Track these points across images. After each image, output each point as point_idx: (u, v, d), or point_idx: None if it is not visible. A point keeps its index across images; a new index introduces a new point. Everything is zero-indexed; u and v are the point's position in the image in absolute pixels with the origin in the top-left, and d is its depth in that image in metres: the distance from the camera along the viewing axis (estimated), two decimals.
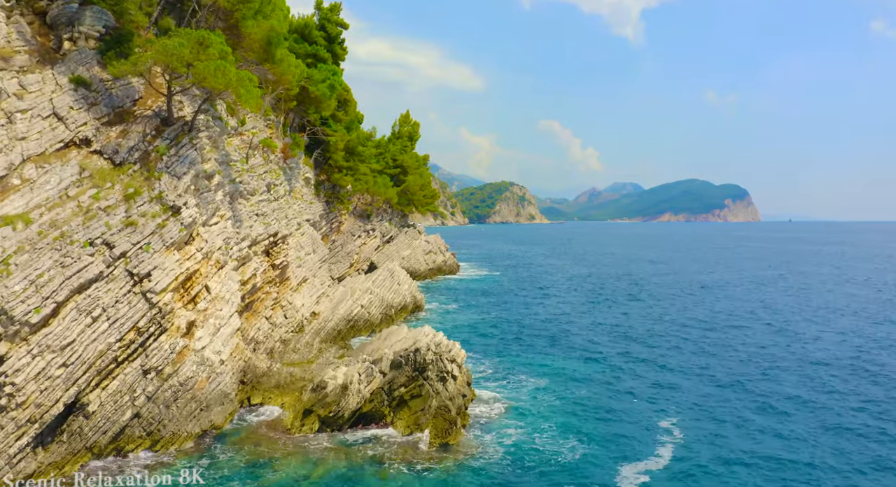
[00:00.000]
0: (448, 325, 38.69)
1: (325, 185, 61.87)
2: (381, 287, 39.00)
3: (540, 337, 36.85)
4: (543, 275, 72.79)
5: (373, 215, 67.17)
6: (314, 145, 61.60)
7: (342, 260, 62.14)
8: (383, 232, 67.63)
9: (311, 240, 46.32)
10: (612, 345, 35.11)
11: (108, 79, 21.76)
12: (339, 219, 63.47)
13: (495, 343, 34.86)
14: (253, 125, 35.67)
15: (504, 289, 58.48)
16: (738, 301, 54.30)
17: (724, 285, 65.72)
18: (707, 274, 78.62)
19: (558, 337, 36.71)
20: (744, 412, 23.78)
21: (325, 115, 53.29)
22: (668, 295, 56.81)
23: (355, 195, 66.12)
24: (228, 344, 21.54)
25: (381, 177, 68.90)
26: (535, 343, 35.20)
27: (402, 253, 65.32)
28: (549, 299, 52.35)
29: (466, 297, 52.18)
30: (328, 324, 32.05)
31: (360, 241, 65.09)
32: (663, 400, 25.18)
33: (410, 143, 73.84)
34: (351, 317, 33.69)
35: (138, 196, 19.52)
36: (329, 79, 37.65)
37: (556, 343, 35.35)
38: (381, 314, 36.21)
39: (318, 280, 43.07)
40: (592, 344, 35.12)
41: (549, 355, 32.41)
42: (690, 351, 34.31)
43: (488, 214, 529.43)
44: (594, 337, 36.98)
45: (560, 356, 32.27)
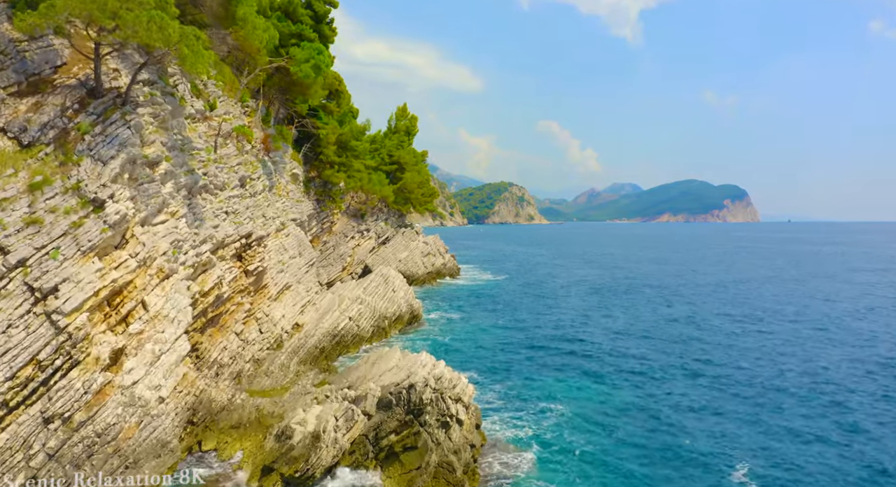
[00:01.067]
0: (449, 338, 34.12)
1: (315, 182, 57.28)
2: (374, 295, 34.42)
3: (556, 351, 32.22)
4: (550, 279, 68.20)
5: (367, 215, 62.60)
6: (303, 139, 57.01)
7: (334, 262, 57.54)
8: (378, 232, 63.05)
9: (296, 241, 41.75)
10: (640, 361, 30.47)
11: (22, 39, 17.16)
12: (331, 218, 58.88)
13: (505, 360, 30.23)
14: (226, 111, 31.06)
15: (510, 295, 53.87)
16: (782, 304, 49.82)
17: (751, 285, 61.27)
18: (724, 274, 74.14)
19: (578, 353, 32.07)
20: (848, 466, 18.87)
21: (313, 105, 48.68)
22: (688, 299, 52.29)
23: (348, 193, 61.54)
24: (172, 376, 16.91)
25: (377, 174, 64.34)
26: (551, 360, 30.56)
27: (399, 255, 60.72)
28: (561, 305, 47.76)
29: (469, 305, 47.59)
30: (309, 341, 27.42)
31: (354, 243, 60.49)
32: (722, 437, 20.60)
33: (408, 138, 69.29)
34: (337, 332, 29.07)
35: (47, 185, 14.91)
36: (314, 58, 33.07)
37: (576, 359, 30.71)
38: (372, 326, 31.60)
39: (304, 286, 38.47)
40: (619, 360, 30.49)
41: (571, 375, 27.76)
42: (737, 368, 29.77)
43: (487, 215, 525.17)
44: (620, 351, 32.35)
45: (584, 376, 27.62)
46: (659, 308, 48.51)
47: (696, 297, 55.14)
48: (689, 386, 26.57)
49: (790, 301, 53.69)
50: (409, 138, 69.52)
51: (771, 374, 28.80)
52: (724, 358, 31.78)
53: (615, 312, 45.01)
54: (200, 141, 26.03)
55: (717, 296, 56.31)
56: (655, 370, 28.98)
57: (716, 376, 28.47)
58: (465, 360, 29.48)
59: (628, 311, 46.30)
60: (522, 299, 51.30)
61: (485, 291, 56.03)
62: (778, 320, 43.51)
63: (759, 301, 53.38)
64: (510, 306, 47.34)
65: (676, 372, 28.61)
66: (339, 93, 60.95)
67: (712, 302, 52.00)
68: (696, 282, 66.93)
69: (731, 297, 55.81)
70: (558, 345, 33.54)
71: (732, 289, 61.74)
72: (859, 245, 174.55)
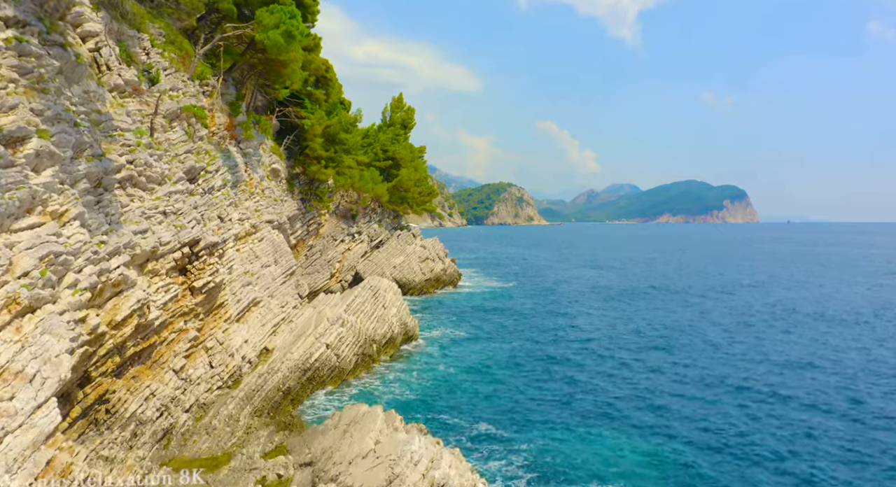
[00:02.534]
0: (453, 368, 27.93)
1: (299, 180, 51.21)
2: (359, 313, 28.34)
3: (589, 388, 25.68)
4: (562, 286, 62.00)
5: (359, 215, 56.53)
6: (287, 131, 50.95)
7: (321, 269, 51.48)
8: (371, 235, 56.98)
9: (271, 247, 35.60)
10: (707, 410, 23.06)
11: None
12: (318, 220, 52.81)
13: (529, 403, 23.59)
14: (172, 86, 24.94)
15: (520, 307, 47.64)
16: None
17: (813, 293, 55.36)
18: (754, 286, 68.15)
19: (624, 396, 24.22)
20: None
21: (294, 89, 42.57)
22: (722, 308, 46.34)
23: (337, 192, 55.48)
24: (25, 467, 10.80)
25: (369, 170, 58.30)
26: (583, 404, 23.28)
27: (394, 260, 54.62)
28: (583, 321, 41.47)
29: (475, 318, 41.34)
30: (272, 379, 21.28)
31: (344, 247, 54.42)
32: None
33: (404, 132, 63.21)
34: (309, 365, 22.93)
35: None
36: (284, 23, 26.99)
37: (621, 403, 23.39)
38: (356, 355, 25.46)
39: (278, 301, 32.35)
40: (677, 408, 22.96)
41: (617, 429, 20.58)
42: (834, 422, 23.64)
43: (486, 215, 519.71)
44: (674, 392, 24.81)
45: (634, 431, 20.51)
46: (701, 323, 42.49)
47: (728, 305, 49.16)
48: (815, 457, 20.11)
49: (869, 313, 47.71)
50: (406, 132, 63.45)
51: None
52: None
53: (647, 328, 38.85)
54: (128, 120, 19.92)
55: (763, 307, 50.29)
56: (741, 427, 22.77)
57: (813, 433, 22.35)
58: (475, 402, 23.17)
59: (664, 326, 40.22)
60: (536, 311, 45.16)
61: (491, 301, 49.88)
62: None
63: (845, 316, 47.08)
64: (523, 320, 41.18)
65: (782, 440, 21.81)
66: (328, 81, 54.86)
67: (756, 316, 45.98)
68: (722, 286, 61.00)
69: (795, 312, 49.75)
70: (591, 379, 26.97)
71: (784, 302, 55.67)
72: (878, 247, 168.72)
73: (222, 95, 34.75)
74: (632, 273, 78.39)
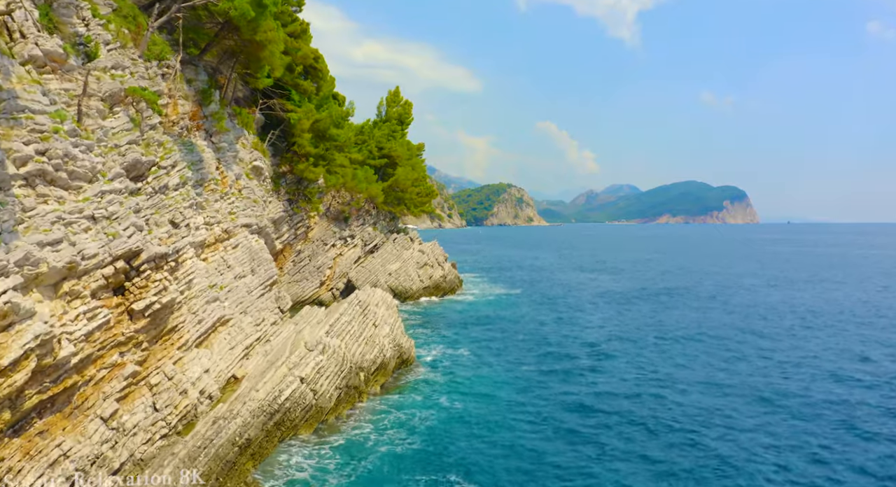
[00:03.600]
0: (459, 401, 23.26)
1: (286, 179, 46.99)
2: (344, 334, 24.08)
3: (629, 424, 20.89)
4: (572, 292, 57.55)
5: (352, 218, 52.30)
6: (273, 126, 46.74)
7: (309, 276, 47.23)
8: (365, 239, 52.74)
9: (248, 254, 31.39)
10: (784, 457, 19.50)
11: None
12: (307, 222, 48.57)
13: (552, 452, 18.95)
14: (116, 63, 20.70)
15: (529, 318, 43.07)
16: None
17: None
18: (782, 285, 63.89)
19: (679, 439, 19.78)
20: None
21: (276, 75, 38.34)
22: (750, 314, 42.15)
23: (328, 192, 51.26)
24: None
25: (363, 169, 54.06)
26: (629, 455, 18.60)
27: (389, 267, 50.36)
28: (599, 335, 37.06)
29: (479, 334, 36.82)
30: (227, 427, 16.93)
31: (335, 252, 50.17)
32: None
33: (400, 128, 58.96)
34: (278, 406, 18.58)
35: None
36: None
37: (676, 450, 18.98)
38: (339, 387, 21.12)
39: (252, 318, 28.15)
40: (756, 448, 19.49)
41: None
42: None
43: (486, 216, 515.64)
44: (736, 425, 21.41)
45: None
46: (732, 332, 38.22)
47: (758, 307, 44.94)
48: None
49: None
50: (403, 128, 59.19)
51: None
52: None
53: (675, 345, 34.47)
54: (43, 100, 15.70)
55: (790, 314, 46.05)
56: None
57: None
58: (491, 459, 18.29)
59: (693, 342, 35.99)
60: (547, 323, 40.64)
61: (496, 311, 45.44)
62: None
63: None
64: (534, 335, 36.69)
65: None
66: (318, 73, 50.62)
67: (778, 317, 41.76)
68: (743, 289, 56.80)
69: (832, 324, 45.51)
70: (629, 415, 22.19)
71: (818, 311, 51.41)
72: (887, 247, 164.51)
73: (190, 82, 30.54)
74: (641, 276, 74.15)
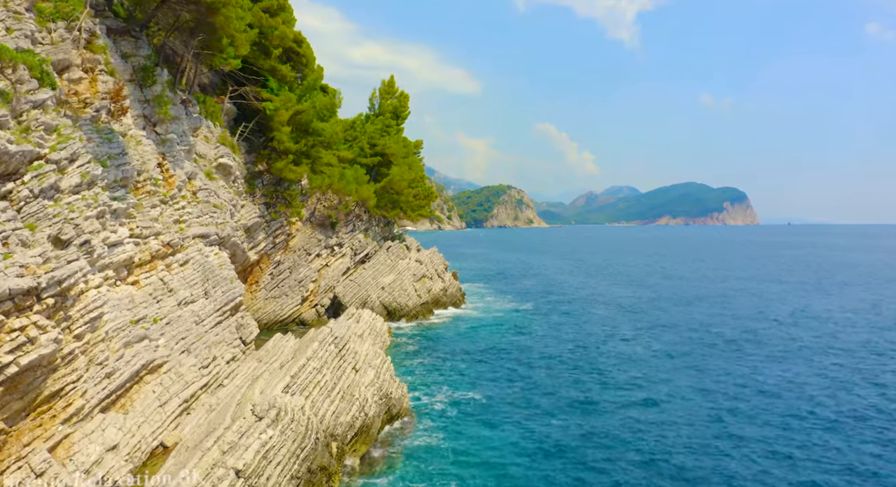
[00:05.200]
0: (471, 477, 17.33)
1: (263, 179, 40.84)
2: (312, 386, 17.84)
3: None
4: (590, 308, 50.94)
5: (339, 224, 46.09)
6: (246, 117, 40.60)
7: (290, 291, 40.97)
8: (356, 247, 46.52)
9: (200, 273, 25.23)
10: None
11: None
12: (287, 229, 42.37)
13: None
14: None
15: (546, 343, 36.09)
16: None
17: None
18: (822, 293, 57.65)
19: None
20: None
21: (241, 53, 32.12)
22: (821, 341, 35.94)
23: (313, 194, 45.07)
24: None
25: (353, 168, 47.88)
26: None
27: (382, 279, 44.13)
28: (645, 371, 30.27)
29: (491, 370, 29.48)
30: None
31: (320, 262, 43.94)
32: None
33: (396, 123, 52.76)
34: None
35: None
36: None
37: None
38: (296, 475, 14.82)
39: (200, 356, 22.09)
40: None
41: None
42: None
43: (486, 218, 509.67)
44: None
45: None
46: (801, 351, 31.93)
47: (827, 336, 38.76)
48: None
49: None
50: (398, 122, 52.97)
51: None
52: None
53: (752, 391, 27.89)
54: None
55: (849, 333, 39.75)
56: None
57: None
58: None
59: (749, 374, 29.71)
60: (567, 351, 33.92)
61: (506, 334, 38.86)
62: None
63: None
64: (555, 369, 29.65)
65: None
66: (301, 58, 44.46)
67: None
68: (795, 306, 50.67)
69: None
70: None
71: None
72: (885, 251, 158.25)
73: (127, 57, 24.34)
74: (658, 285, 67.99)
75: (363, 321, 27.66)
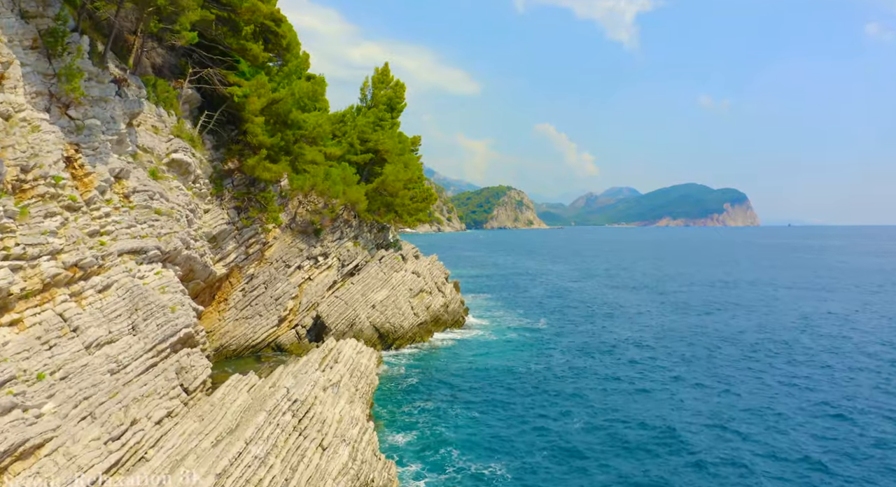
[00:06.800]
0: None
1: (233, 179, 34.90)
2: (252, 484, 11.79)
3: None
4: (618, 326, 44.65)
5: (325, 231, 40.09)
6: (211, 106, 34.65)
7: (264, 311, 34.95)
8: (343, 258, 40.52)
9: (126, 302, 19.26)
10: None
11: None
12: (262, 237, 36.37)
13: None
14: None
15: (569, 375, 28.80)
16: None
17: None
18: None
19: None
20: None
21: (193, 19, 26.09)
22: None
23: (294, 196, 39.10)
24: None
25: (341, 166, 41.91)
26: None
27: (374, 295, 38.13)
28: (712, 421, 24.04)
29: (507, 425, 22.24)
30: None
31: (301, 276, 37.91)
32: None
33: (390, 116, 46.78)
34: None
35: None
36: None
37: None
38: None
39: (106, 426, 16.12)
40: None
41: None
42: None
43: (486, 219, 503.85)
44: None
45: None
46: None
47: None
48: None
49: None
50: (393, 115, 46.99)
51: None
52: None
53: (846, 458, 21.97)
54: None
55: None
56: None
57: None
58: None
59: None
60: (602, 391, 27.41)
61: (521, 363, 32.18)
62: None
63: None
64: (600, 423, 23.17)
65: None
66: (280, 40, 38.36)
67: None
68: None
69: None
70: None
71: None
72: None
73: (28, 16, 18.45)
74: (683, 297, 62.11)
75: (343, 359, 21.67)
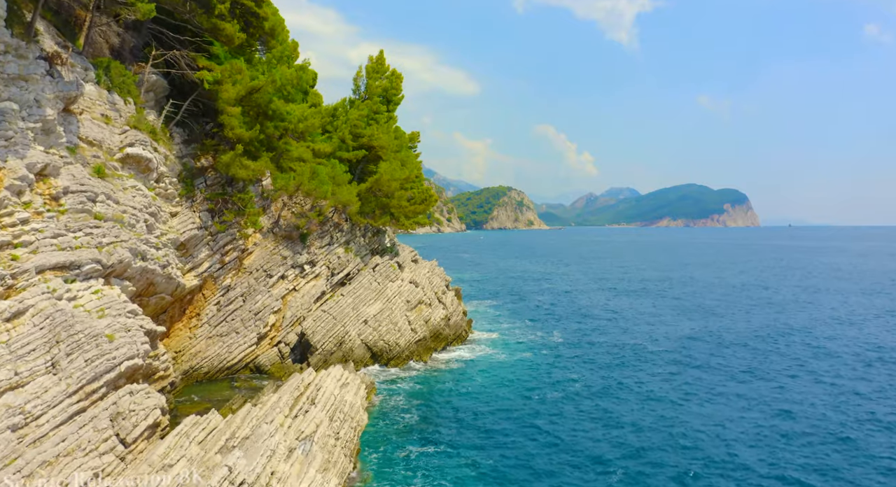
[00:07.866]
0: None
1: (206, 178, 30.83)
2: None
3: None
4: (639, 338, 40.82)
5: (312, 236, 35.99)
6: (181, 95, 30.56)
7: (242, 327, 30.86)
8: (333, 266, 36.42)
9: (46, 330, 15.17)
10: None
11: None
12: (241, 244, 32.26)
13: None
14: None
15: (613, 410, 23.96)
16: None
17: None
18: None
19: None
20: None
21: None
22: None
23: (277, 198, 34.98)
24: None
25: (330, 164, 37.79)
26: None
27: (366, 309, 34.05)
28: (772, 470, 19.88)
29: (530, 459, 19.28)
30: None
31: (285, 286, 33.81)
32: None
33: (386, 109, 42.67)
34: None
35: None
36: None
37: None
38: None
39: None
40: None
41: None
42: None
43: (486, 220, 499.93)
44: None
45: None
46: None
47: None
48: None
49: None
50: (389, 108, 42.89)
51: None
52: None
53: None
54: None
55: None
56: None
57: None
58: None
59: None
60: (634, 428, 23.67)
61: (543, 390, 27.58)
62: None
63: None
64: (642, 466, 19.47)
65: None
66: (261, 22, 34.25)
67: None
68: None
69: None
70: None
71: None
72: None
73: None
74: (692, 296, 58.06)
75: (322, 400, 17.58)
